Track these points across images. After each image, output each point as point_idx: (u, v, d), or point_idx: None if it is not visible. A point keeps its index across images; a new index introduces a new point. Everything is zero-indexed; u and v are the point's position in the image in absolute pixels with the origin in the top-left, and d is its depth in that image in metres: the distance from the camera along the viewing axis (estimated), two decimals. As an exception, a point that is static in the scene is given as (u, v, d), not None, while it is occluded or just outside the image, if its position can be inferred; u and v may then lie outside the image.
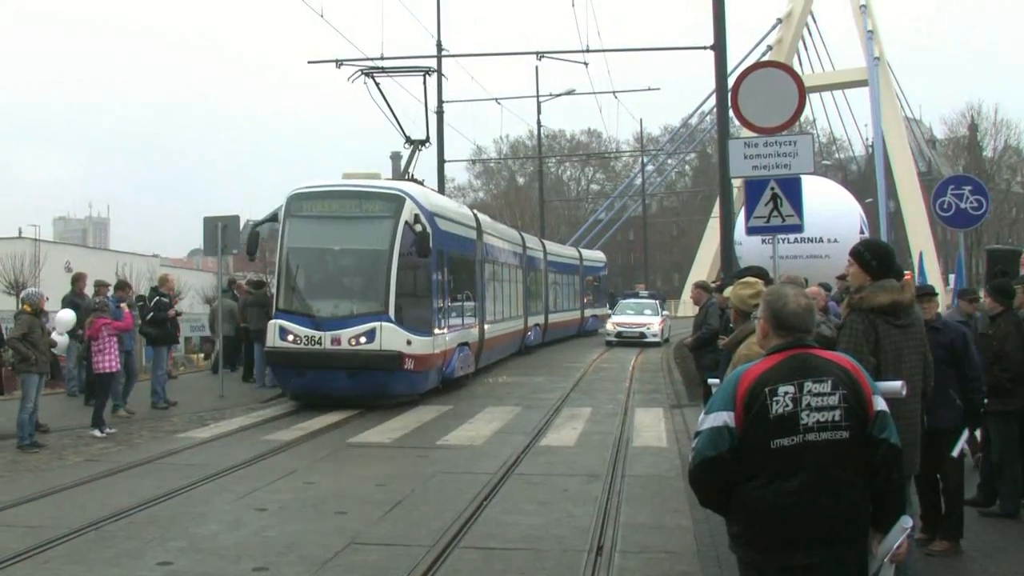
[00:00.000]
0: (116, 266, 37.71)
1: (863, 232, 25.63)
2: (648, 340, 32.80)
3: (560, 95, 42.63)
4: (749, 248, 20.32)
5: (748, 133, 11.03)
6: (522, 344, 27.90)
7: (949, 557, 6.92)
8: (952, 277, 16.66)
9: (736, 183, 19.07)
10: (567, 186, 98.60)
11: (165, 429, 13.76)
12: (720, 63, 17.75)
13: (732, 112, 11.14)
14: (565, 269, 36.61)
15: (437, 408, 15.72)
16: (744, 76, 10.52)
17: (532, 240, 32.22)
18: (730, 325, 7.57)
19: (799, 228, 10.32)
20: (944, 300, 18.82)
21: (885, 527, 3.70)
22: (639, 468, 10.76)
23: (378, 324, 15.28)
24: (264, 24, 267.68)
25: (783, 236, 11.22)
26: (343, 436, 12.86)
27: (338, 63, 19.17)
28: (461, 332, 19.15)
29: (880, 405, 3.69)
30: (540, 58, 27.96)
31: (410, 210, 16.12)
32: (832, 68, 70.86)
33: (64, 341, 14.23)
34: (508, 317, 25.59)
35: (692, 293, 14.46)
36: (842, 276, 13.09)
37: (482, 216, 24.28)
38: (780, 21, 68.51)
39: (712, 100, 33.42)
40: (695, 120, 70.41)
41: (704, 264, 64.11)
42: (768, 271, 8.26)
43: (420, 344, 15.94)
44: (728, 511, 3.71)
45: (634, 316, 34.56)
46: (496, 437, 12.96)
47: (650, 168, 68.11)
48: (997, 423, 7.94)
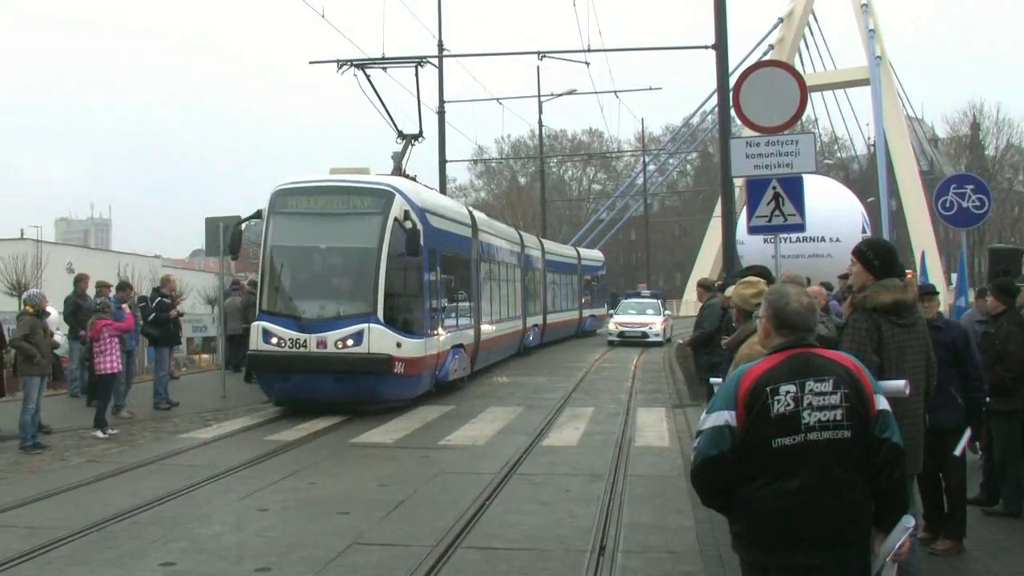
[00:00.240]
0: (118, 267, 37.69)
1: (865, 231, 25.65)
2: (650, 340, 32.82)
3: (561, 95, 42.64)
4: (751, 247, 20.36)
5: (750, 132, 11.01)
6: (521, 345, 27.40)
7: (952, 556, 6.91)
8: (954, 276, 16.64)
9: (738, 182, 19.02)
10: (569, 186, 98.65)
11: (167, 430, 13.77)
12: (721, 62, 17.75)
13: (734, 111, 11.12)
14: (563, 269, 36.04)
15: (439, 408, 15.71)
16: (746, 75, 10.50)
17: (530, 239, 31.54)
18: (732, 325, 7.57)
19: (801, 227, 10.30)
20: (946, 299, 18.85)
21: (887, 526, 3.70)
22: (641, 468, 10.76)
23: (366, 326, 14.67)
24: (264, 24, 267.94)
25: (785, 235, 11.22)
26: (345, 436, 12.86)
27: (339, 63, 19.11)
28: (455, 334, 18.44)
29: (882, 404, 3.69)
30: (541, 58, 27.95)
31: (400, 206, 15.46)
32: (834, 67, 70.89)
33: (66, 342, 14.24)
34: (506, 318, 24.97)
35: (697, 291, 14.49)
36: (844, 275, 13.09)
37: (478, 213, 23.72)
38: (781, 20, 68.54)
39: (713, 99, 33.45)
40: (696, 119, 70.54)
41: (706, 263, 64.14)
42: (770, 270, 8.25)
43: (411, 346, 15.31)
44: (730, 511, 3.71)
45: (636, 316, 34.56)
46: (498, 437, 12.95)
47: (652, 168, 68.14)
48: (1000, 422, 7.93)
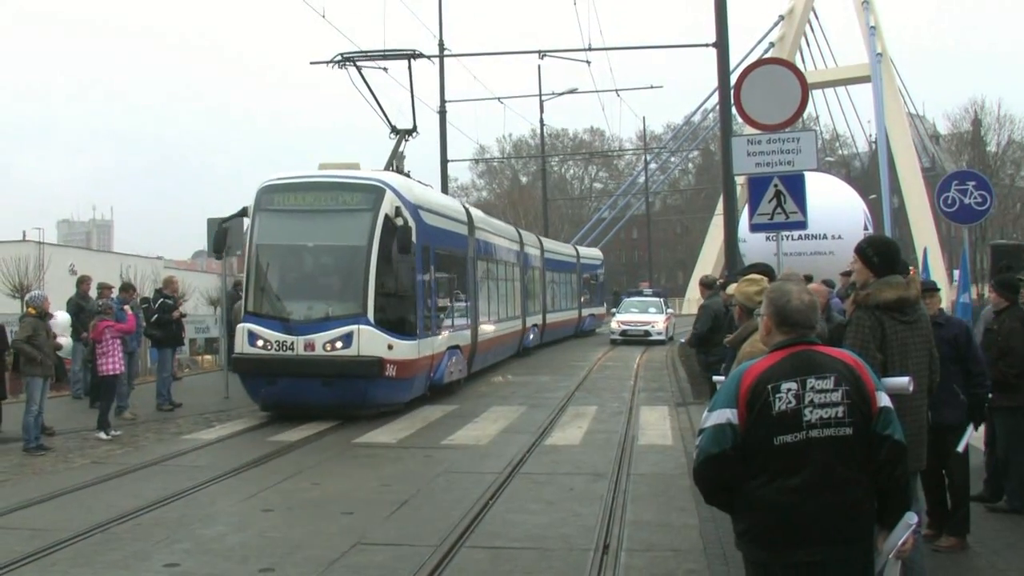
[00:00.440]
0: (120, 268, 37.64)
1: (867, 228, 25.59)
2: (653, 338, 32.85)
3: (563, 94, 42.69)
4: (753, 245, 20.30)
5: (751, 130, 11.02)
6: (520, 346, 26.88)
7: (956, 553, 6.91)
8: (956, 273, 16.62)
9: (740, 180, 19.01)
10: (571, 185, 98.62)
11: (170, 431, 13.78)
12: (722, 60, 17.76)
13: (735, 109, 11.13)
14: (562, 267, 35.55)
15: (442, 408, 15.71)
16: (747, 73, 10.52)
17: (529, 236, 30.97)
18: (735, 323, 7.57)
19: (803, 225, 10.32)
20: (948, 296, 18.84)
21: (890, 523, 3.69)
22: (645, 466, 10.76)
23: (355, 327, 14.07)
24: (265, 25, 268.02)
25: (787, 233, 11.24)
26: (348, 436, 12.86)
27: (341, 64, 19.02)
28: (451, 334, 17.79)
29: (883, 401, 3.68)
30: (542, 57, 28.02)
31: (391, 202, 14.85)
32: (835, 64, 70.80)
33: (69, 343, 14.24)
34: (504, 318, 24.35)
35: (699, 289, 14.48)
36: (847, 272, 13.09)
37: (474, 210, 23.15)
38: (782, 18, 68.46)
39: (715, 97, 33.45)
40: (698, 118, 70.48)
41: (708, 261, 64.09)
42: (773, 268, 8.25)
43: (403, 348, 14.68)
44: (733, 509, 3.71)
45: (638, 314, 34.58)
46: (501, 436, 12.96)
47: (653, 166, 68.13)
48: (1003, 418, 7.93)
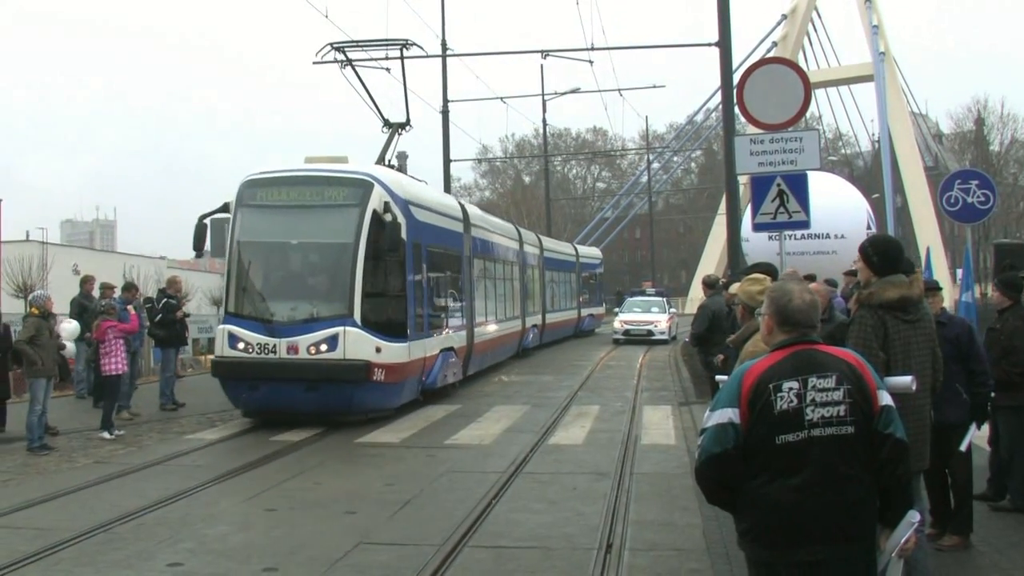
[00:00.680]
0: (123, 268, 37.75)
1: (870, 228, 25.54)
2: (655, 338, 32.89)
3: (565, 93, 42.62)
4: (756, 244, 20.30)
5: (754, 130, 11.02)
6: (520, 347, 26.36)
7: (959, 552, 6.91)
8: (959, 272, 16.61)
9: (742, 180, 19.01)
10: (573, 184, 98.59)
11: (173, 431, 13.80)
12: (725, 60, 17.76)
13: (738, 109, 11.13)
14: (562, 266, 35.04)
15: (445, 408, 15.71)
16: (749, 73, 10.51)
17: (528, 235, 30.36)
18: (737, 322, 7.57)
19: (806, 224, 10.31)
20: (951, 295, 18.82)
21: (893, 522, 3.70)
22: (648, 466, 10.76)
23: (341, 329, 13.41)
24: (267, 25, 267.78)
25: (790, 232, 11.23)
26: (351, 436, 12.86)
27: (343, 64, 18.95)
28: (445, 336, 17.17)
29: (885, 400, 3.69)
30: (545, 57, 28.01)
31: (379, 197, 14.13)
32: (837, 64, 70.67)
33: (72, 346, 14.27)
34: (503, 318, 23.72)
35: (702, 288, 14.48)
36: (850, 272, 13.08)
37: (471, 207, 22.55)
38: (785, 17, 68.36)
39: (717, 97, 33.39)
40: (701, 117, 70.38)
41: (711, 261, 64.11)
42: (776, 267, 8.26)
43: (392, 351, 14.01)
44: (735, 508, 3.72)
45: (641, 314, 34.60)
46: (504, 436, 12.96)
47: (656, 166, 68.13)
48: (1006, 418, 7.92)
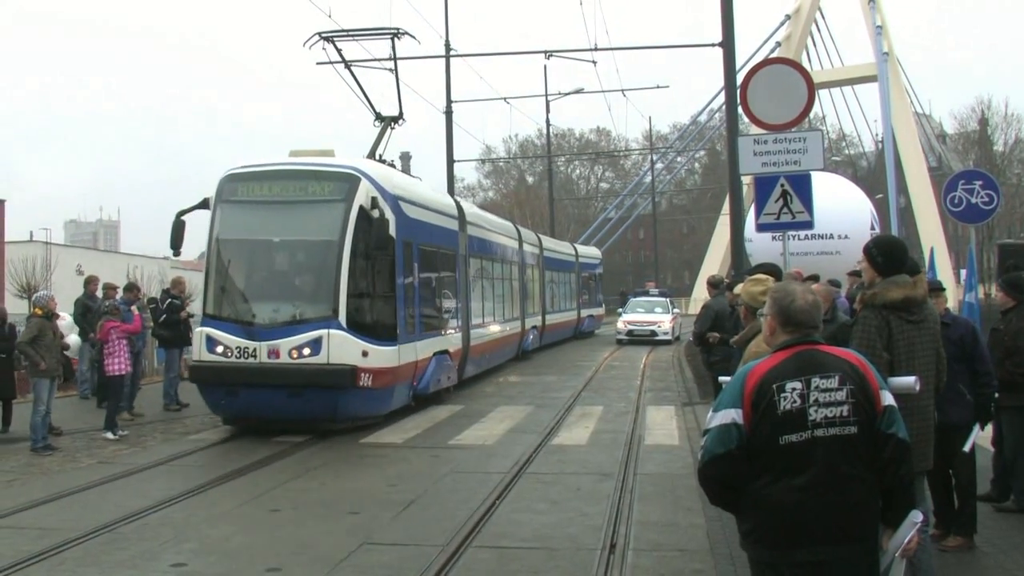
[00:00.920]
0: (127, 268, 37.82)
1: (874, 228, 25.56)
2: (659, 338, 32.90)
3: (569, 94, 42.62)
4: (759, 245, 20.31)
5: (757, 130, 11.01)
6: (519, 349, 25.82)
7: (963, 553, 6.90)
8: (963, 272, 16.59)
9: (746, 180, 19.02)
10: (577, 185, 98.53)
11: (177, 431, 13.81)
12: (729, 60, 17.75)
13: (741, 109, 11.12)
14: (561, 266, 34.43)
15: (449, 408, 15.72)
16: (753, 73, 10.50)
17: (527, 234, 29.62)
18: (740, 322, 7.56)
19: (809, 224, 10.30)
20: (955, 295, 18.80)
21: (895, 522, 3.70)
22: (651, 466, 10.76)
23: (325, 332, 12.70)
24: (269, 25, 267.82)
25: (793, 233, 11.21)
26: (355, 436, 12.86)
27: (346, 64, 18.88)
28: (438, 338, 16.47)
29: (888, 400, 3.69)
30: (548, 57, 27.98)
31: (366, 192, 13.41)
32: (841, 64, 70.61)
33: (76, 343, 14.28)
34: (501, 319, 23.14)
35: (707, 288, 14.47)
36: (854, 272, 13.08)
37: (467, 204, 21.87)
38: (788, 17, 68.31)
39: (721, 97, 33.40)
40: (704, 117, 70.33)
41: (714, 261, 64.09)
42: (780, 268, 8.25)
43: (380, 355, 13.30)
44: (738, 509, 3.72)
45: (645, 314, 34.61)
46: (508, 436, 12.96)
47: (659, 166, 68.15)
48: (1010, 418, 7.90)
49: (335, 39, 16.77)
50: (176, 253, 15.00)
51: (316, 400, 12.74)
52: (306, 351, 12.68)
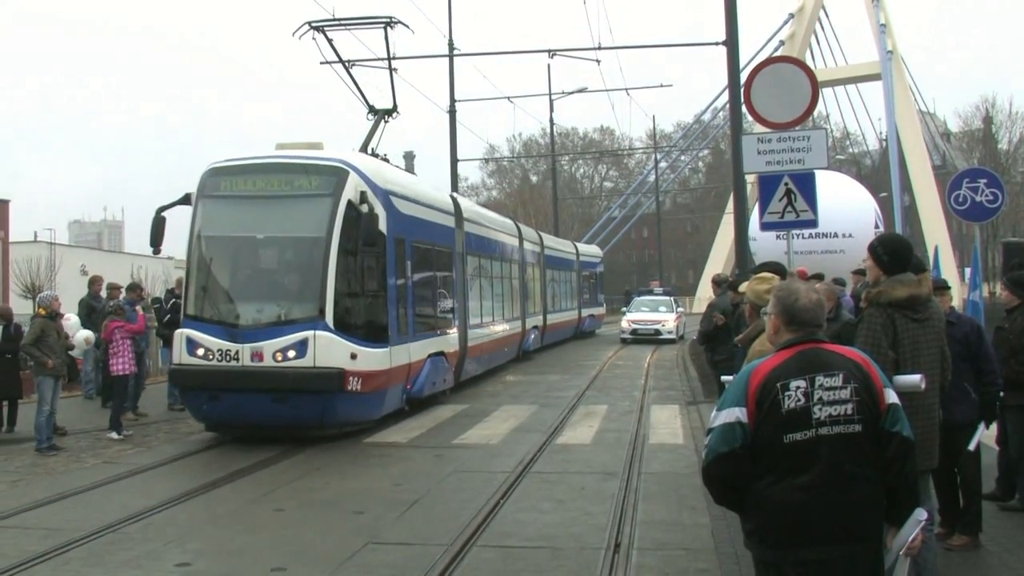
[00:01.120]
0: (131, 268, 37.85)
1: (878, 226, 25.52)
2: (663, 337, 32.89)
3: (572, 93, 42.67)
4: (763, 244, 20.30)
5: (761, 128, 10.99)
6: (520, 350, 25.37)
7: (968, 551, 6.90)
8: (968, 271, 16.56)
9: (750, 179, 19.00)
10: (580, 184, 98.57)
11: (181, 431, 13.81)
12: (732, 59, 17.73)
13: (745, 108, 11.10)
14: (562, 264, 33.86)
15: (453, 407, 15.72)
16: (757, 72, 10.48)
17: (528, 231, 29.16)
18: (742, 321, 7.56)
19: (813, 223, 10.28)
20: (959, 294, 18.77)
21: (899, 521, 3.70)
22: (656, 465, 10.75)
23: (311, 333, 12.12)
24: (269, 25, 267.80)
25: (797, 231, 11.19)
26: (359, 436, 12.85)
27: (349, 63, 18.82)
28: (433, 339, 15.84)
29: (892, 398, 3.69)
30: (552, 56, 27.92)
31: (355, 186, 12.82)
32: (845, 62, 70.55)
33: (81, 340, 14.29)
34: (501, 319, 22.61)
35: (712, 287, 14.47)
36: (858, 271, 13.06)
37: (464, 201, 21.32)
38: (792, 16, 68.28)
39: (725, 96, 33.35)
40: (708, 116, 70.32)
41: (718, 260, 64.05)
42: (784, 266, 8.24)
43: (370, 358, 12.72)
44: (742, 508, 3.72)
45: (649, 313, 34.63)
46: (512, 435, 12.96)
47: (663, 165, 68.06)
48: (1015, 417, 7.88)
49: (326, 28, 16.24)
50: (156, 251, 14.47)
51: (302, 405, 12.17)
52: (291, 353, 12.11)
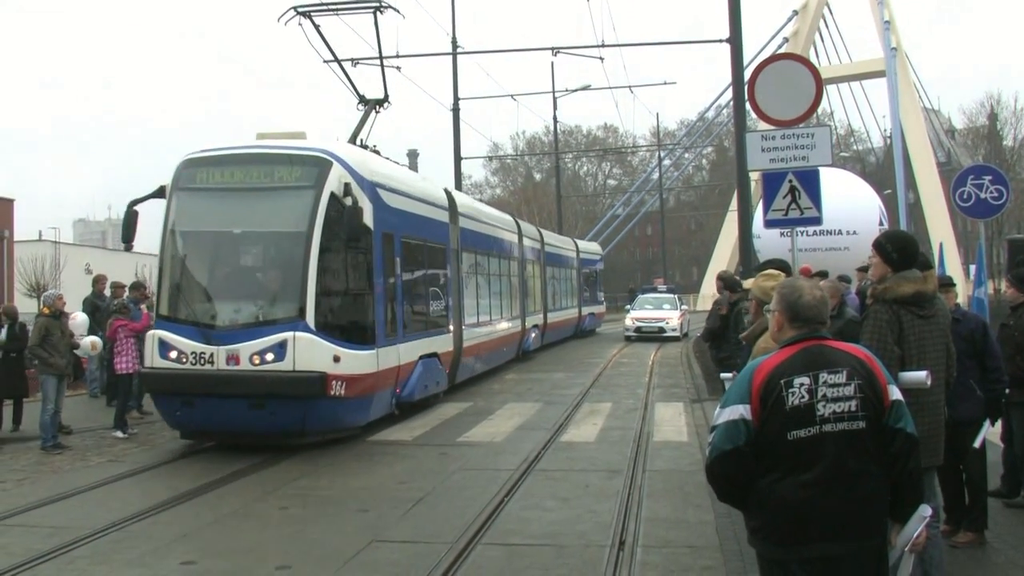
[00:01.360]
0: (136, 267, 37.85)
1: (882, 224, 25.43)
2: (667, 334, 32.88)
3: (576, 90, 42.67)
4: (767, 241, 20.23)
5: (765, 126, 10.97)
6: (520, 349, 24.69)
7: (974, 548, 6.89)
8: (972, 268, 16.54)
9: (754, 176, 18.98)
10: (584, 182, 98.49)
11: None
12: (736, 56, 17.75)
13: (749, 105, 11.09)
14: (562, 262, 33.05)
15: (457, 405, 15.73)
16: (760, 69, 10.46)
17: (528, 227, 28.48)
18: (742, 319, 7.55)
19: (818, 221, 10.26)
20: (964, 291, 18.75)
21: (904, 517, 3.70)
22: (660, 463, 10.75)
23: (290, 335, 11.37)
24: (271, 24, 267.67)
25: (801, 229, 11.17)
26: (364, 434, 12.85)
27: (354, 62, 18.79)
28: (425, 340, 15.12)
29: (895, 395, 3.69)
30: (555, 54, 28.02)
31: (338, 178, 12.06)
32: (849, 59, 70.51)
33: (87, 343, 14.30)
34: (499, 318, 21.83)
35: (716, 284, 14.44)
36: (862, 268, 13.04)
37: (459, 195, 20.47)
38: (796, 13, 68.23)
39: (728, 93, 33.35)
40: (712, 114, 70.28)
41: (722, 258, 64.02)
42: (789, 264, 8.24)
43: (354, 360, 12.00)
44: (746, 506, 3.71)
45: (653, 311, 34.61)
46: (517, 433, 12.96)
47: (667, 162, 68.02)
48: (1020, 414, 7.87)
49: (312, 14, 15.41)
50: (128, 247, 13.88)
51: (281, 412, 11.44)
52: (269, 356, 11.37)
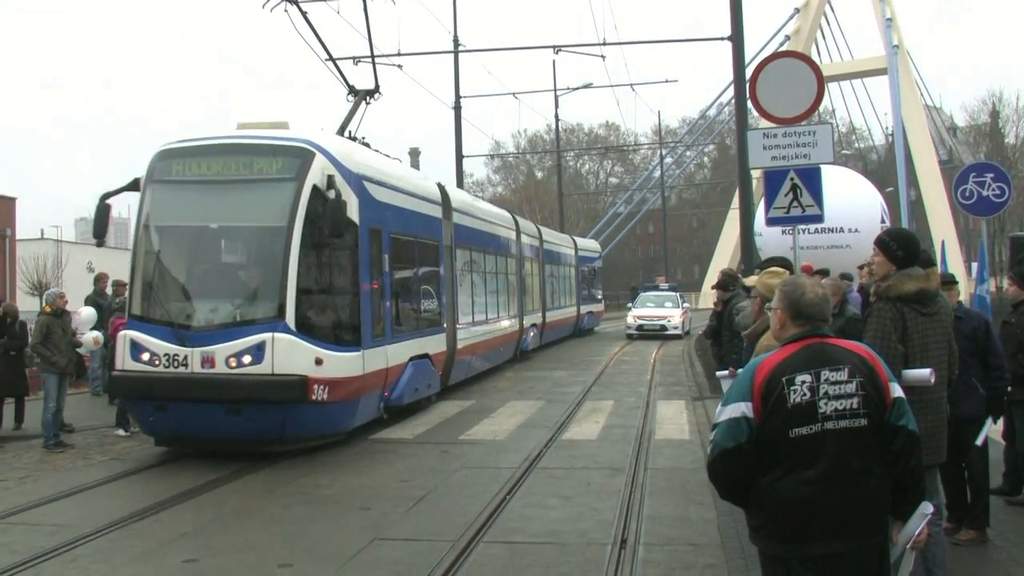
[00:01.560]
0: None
1: (884, 221, 25.43)
2: (669, 332, 32.91)
3: (578, 88, 42.63)
4: (769, 239, 20.23)
5: (767, 124, 10.96)
6: (518, 349, 24.10)
7: (976, 546, 6.89)
8: (974, 265, 16.54)
9: (755, 174, 18.97)
10: (586, 180, 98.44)
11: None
12: (738, 54, 17.73)
13: (750, 103, 11.09)
14: (561, 259, 32.31)
15: (459, 404, 15.73)
16: (762, 67, 10.45)
17: (526, 224, 27.81)
18: (736, 318, 7.55)
19: (819, 218, 10.26)
20: (966, 288, 18.73)
21: (905, 515, 3.70)
22: (662, 461, 10.76)
23: (269, 336, 10.77)
24: (274, 23, 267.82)
25: (803, 227, 11.16)
26: (366, 432, 12.85)
27: (356, 60, 18.78)
28: (415, 341, 14.53)
29: (897, 392, 3.69)
30: (557, 52, 28.05)
31: (321, 170, 11.44)
32: (851, 57, 70.47)
33: (88, 339, 14.30)
34: (495, 317, 21.23)
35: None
36: (863, 265, 13.03)
37: (453, 190, 19.49)
38: (798, 11, 68.22)
39: (730, 91, 33.33)
40: (713, 111, 70.26)
41: (724, 255, 64.02)
42: (791, 262, 8.23)
43: (338, 363, 11.39)
44: (748, 504, 3.71)
45: (655, 308, 34.65)
46: (519, 431, 12.97)
47: (669, 160, 68.01)
48: (1021, 412, 7.87)
49: (298, 1, 14.81)
50: (100, 243, 13.23)
51: (259, 417, 10.80)
52: (246, 359, 10.78)
